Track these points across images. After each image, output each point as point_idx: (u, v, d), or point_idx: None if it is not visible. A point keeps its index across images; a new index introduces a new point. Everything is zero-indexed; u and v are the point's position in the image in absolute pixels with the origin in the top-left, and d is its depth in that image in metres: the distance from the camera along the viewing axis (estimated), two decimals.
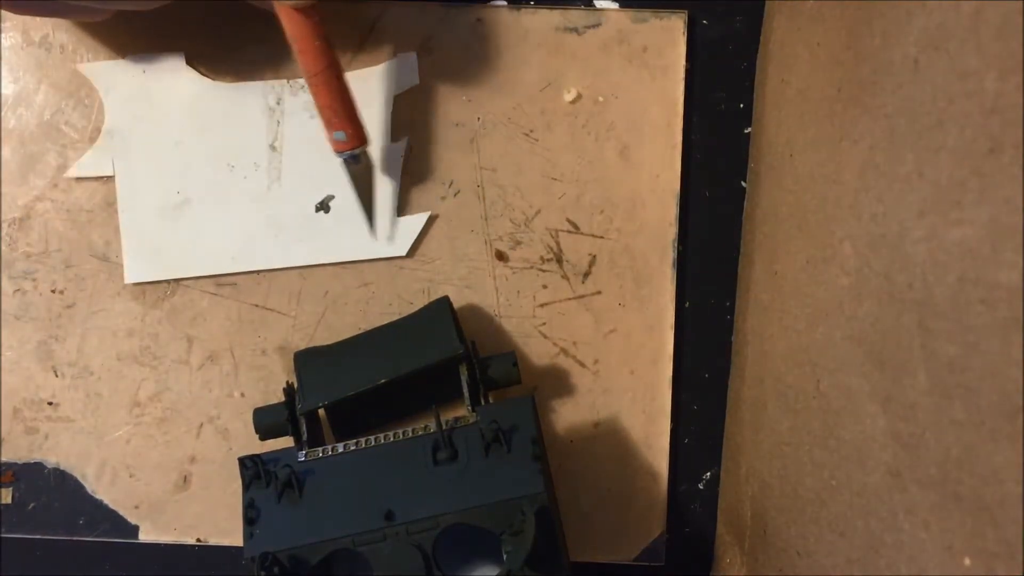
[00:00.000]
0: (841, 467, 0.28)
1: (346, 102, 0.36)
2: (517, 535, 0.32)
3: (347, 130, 0.36)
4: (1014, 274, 0.19)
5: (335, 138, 0.36)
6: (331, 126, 0.36)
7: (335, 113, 0.36)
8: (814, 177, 0.32)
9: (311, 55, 0.35)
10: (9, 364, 0.41)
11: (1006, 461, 0.20)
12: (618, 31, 0.40)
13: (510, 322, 0.41)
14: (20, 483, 0.41)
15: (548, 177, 0.41)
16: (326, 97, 0.35)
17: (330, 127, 0.36)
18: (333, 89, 0.35)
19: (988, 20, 0.20)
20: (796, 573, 0.32)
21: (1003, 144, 0.20)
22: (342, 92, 0.36)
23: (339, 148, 0.37)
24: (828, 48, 0.32)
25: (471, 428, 0.35)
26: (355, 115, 0.37)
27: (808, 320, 0.32)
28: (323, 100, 0.36)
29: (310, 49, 0.34)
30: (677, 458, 0.41)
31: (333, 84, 0.35)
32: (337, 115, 0.36)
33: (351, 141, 0.37)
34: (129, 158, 0.40)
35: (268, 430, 0.37)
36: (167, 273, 0.40)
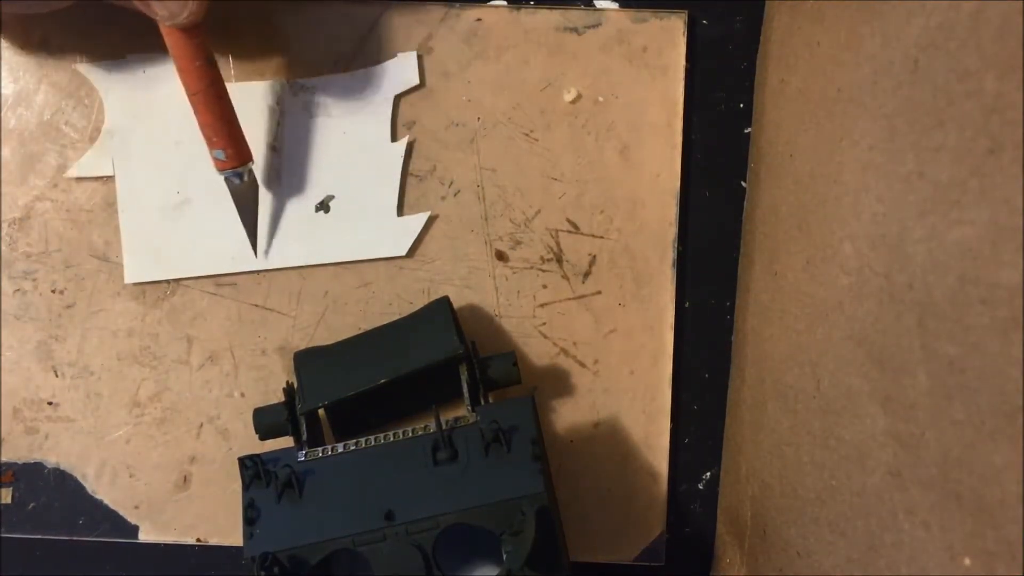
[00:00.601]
0: (841, 467, 0.28)
1: (226, 121, 0.37)
2: (517, 535, 0.32)
3: (227, 149, 0.37)
4: (1014, 274, 0.19)
5: (215, 156, 0.37)
6: (211, 144, 0.37)
7: (215, 132, 0.36)
8: (814, 177, 0.32)
9: (191, 74, 0.35)
10: (9, 364, 0.41)
11: (1006, 461, 0.20)
12: (618, 31, 0.40)
13: (510, 322, 0.41)
14: (20, 483, 0.41)
15: (548, 177, 0.41)
16: (205, 116, 0.36)
17: (211, 145, 0.37)
18: (213, 108, 0.36)
19: (988, 20, 0.20)
20: (796, 573, 0.32)
21: (1003, 144, 0.20)
22: (222, 111, 0.36)
23: (220, 167, 0.37)
24: (828, 48, 0.32)
25: (471, 428, 0.35)
26: (236, 134, 0.37)
27: (808, 320, 0.32)
28: (203, 119, 0.36)
29: (190, 68, 0.35)
30: (677, 458, 0.41)
31: (213, 105, 0.36)
32: (217, 134, 0.36)
33: (231, 160, 0.37)
34: (129, 158, 0.40)
35: (268, 430, 0.37)
36: (167, 273, 0.40)
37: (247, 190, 0.39)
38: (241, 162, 0.38)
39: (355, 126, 0.40)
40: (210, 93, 0.36)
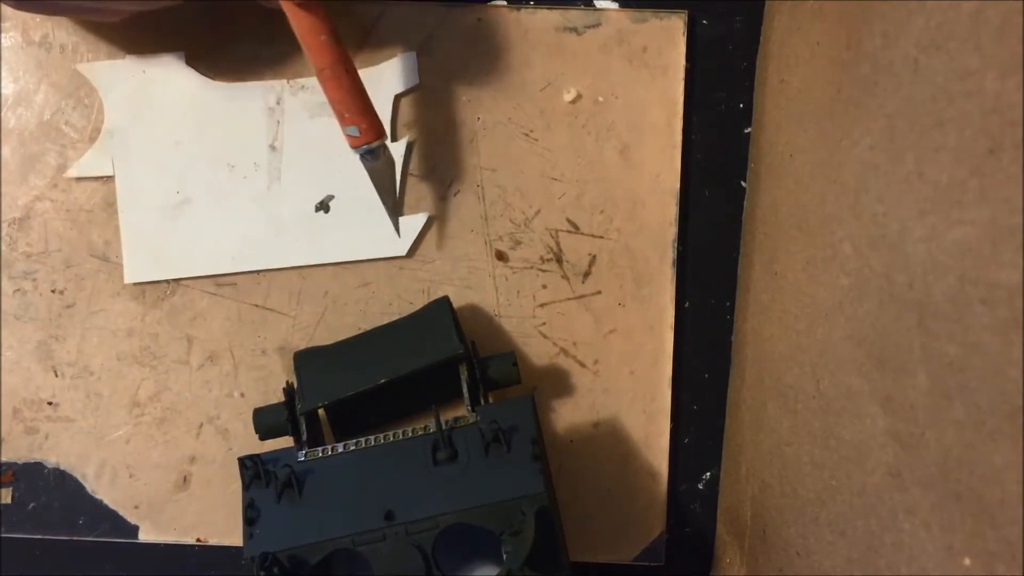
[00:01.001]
0: (841, 467, 0.28)
1: (357, 96, 0.35)
2: (517, 535, 0.32)
3: (360, 125, 0.35)
4: (1014, 274, 0.19)
5: (348, 133, 0.36)
6: (343, 121, 0.35)
7: (347, 108, 0.35)
8: (814, 177, 0.32)
9: (317, 51, 0.34)
10: (9, 364, 0.41)
11: (1006, 461, 0.20)
12: (618, 31, 0.40)
13: (510, 322, 0.41)
14: (20, 483, 0.41)
15: (548, 177, 0.41)
16: (336, 92, 0.35)
17: (343, 122, 0.35)
18: (343, 84, 0.35)
19: (988, 20, 0.20)
20: (796, 573, 0.32)
21: (1003, 144, 0.20)
22: (352, 87, 0.35)
23: (354, 143, 0.36)
24: (828, 48, 0.32)
25: (471, 428, 0.35)
26: (369, 109, 0.36)
27: (808, 320, 0.32)
28: (333, 95, 0.35)
29: (316, 45, 0.34)
30: (677, 458, 0.41)
31: (343, 79, 0.35)
32: (349, 110, 0.35)
33: (365, 135, 0.36)
34: (129, 158, 0.40)
35: (268, 430, 0.37)
36: (167, 273, 0.40)
37: (384, 167, 0.37)
38: (376, 137, 0.36)
39: None
40: (338, 68, 0.35)
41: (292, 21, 0.34)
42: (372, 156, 0.36)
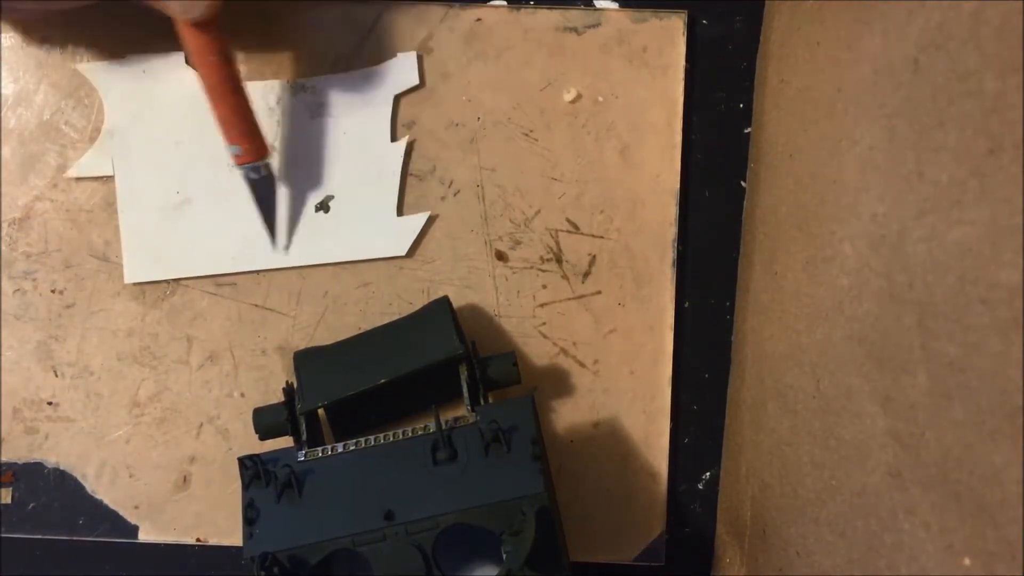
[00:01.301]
0: (841, 467, 0.28)
1: (241, 116, 0.36)
2: (517, 535, 0.32)
3: (242, 144, 0.37)
4: (1014, 274, 0.19)
5: (231, 152, 0.37)
6: (228, 139, 0.37)
7: (231, 127, 0.36)
8: (814, 177, 0.32)
9: (206, 69, 0.35)
10: (9, 364, 0.41)
11: (1006, 461, 0.20)
12: (618, 31, 0.40)
13: (510, 322, 0.41)
14: (20, 483, 0.41)
15: (548, 177, 0.41)
16: (222, 110, 0.36)
17: (227, 139, 0.37)
18: (229, 103, 0.36)
19: (988, 20, 0.20)
20: (796, 573, 0.32)
21: (1003, 144, 0.20)
22: (238, 106, 0.36)
23: (237, 162, 0.37)
24: (828, 48, 0.32)
25: (471, 428, 0.35)
26: (252, 129, 0.37)
27: (808, 320, 0.32)
28: (219, 113, 0.36)
29: (206, 63, 0.35)
30: (677, 458, 0.41)
31: (228, 98, 0.36)
32: (233, 129, 0.36)
33: (246, 156, 0.37)
34: (129, 158, 0.40)
35: (268, 430, 0.37)
36: (167, 273, 0.40)
37: (265, 184, 0.39)
38: (258, 157, 0.38)
39: (355, 126, 0.40)
40: (226, 88, 0.36)
41: (184, 39, 0.35)
42: (255, 174, 0.38)
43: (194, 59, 0.35)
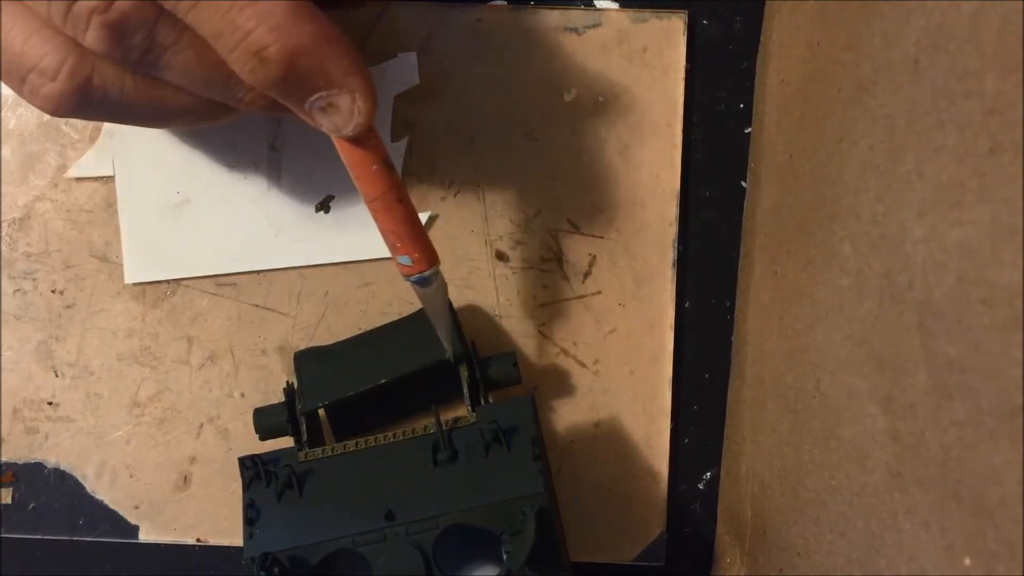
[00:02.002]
0: (841, 467, 0.28)
1: (410, 224, 0.33)
2: (517, 535, 0.32)
3: (412, 254, 0.33)
4: (1014, 274, 0.19)
5: (400, 262, 0.33)
6: (394, 250, 0.33)
7: (399, 238, 0.33)
8: (814, 177, 0.32)
9: (366, 182, 0.32)
10: (9, 364, 0.41)
11: (1006, 461, 0.20)
12: (618, 31, 0.40)
13: (510, 322, 0.41)
14: (20, 483, 0.41)
15: (548, 177, 0.41)
16: (389, 222, 0.32)
17: (395, 251, 0.33)
18: (396, 214, 0.32)
19: (988, 20, 0.20)
20: (796, 573, 0.32)
21: (1003, 144, 0.20)
22: (405, 215, 0.33)
23: (407, 272, 0.33)
24: (828, 48, 0.32)
25: (471, 428, 0.35)
26: (422, 236, 0.33)
27: (808, 320, 0.32)
28: (385, 225, 0.33)
29: (365, 176, 0.32)
30: (677, 458, 0.41)
31: (395, 208, 0.32)
32: (400, 239, 0.33)
33: (418, 265, 0.33)
34: (129, 158, 0.40)
35: (268, 430, 0.37)
36: (167, 273, 0.40)
37: (437, 292, 0.34)
38: (429, 264, 0.33)
39: None
40: (389, 198, 0.32)
41: (341, 152, 0.32)
42: (425, 283, 0.34)
43: (351, 171, 0.32)
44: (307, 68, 0.28)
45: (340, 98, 0.29)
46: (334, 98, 0.29)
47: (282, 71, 0.27)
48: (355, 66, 0.29)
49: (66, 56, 0.28)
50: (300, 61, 0.27)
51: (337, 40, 0.28)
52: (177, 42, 0.28)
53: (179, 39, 0.28)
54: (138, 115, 0.31)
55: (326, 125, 0.30)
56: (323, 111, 0.29)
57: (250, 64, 0.27)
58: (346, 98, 0.29)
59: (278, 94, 0.29)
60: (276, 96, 0.29)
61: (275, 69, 0.27)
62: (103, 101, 0.30)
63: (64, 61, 0.28)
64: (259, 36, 0.27)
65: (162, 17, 0.27)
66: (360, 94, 0.29)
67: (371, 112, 0.30)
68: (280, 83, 0.28)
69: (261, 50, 0.27)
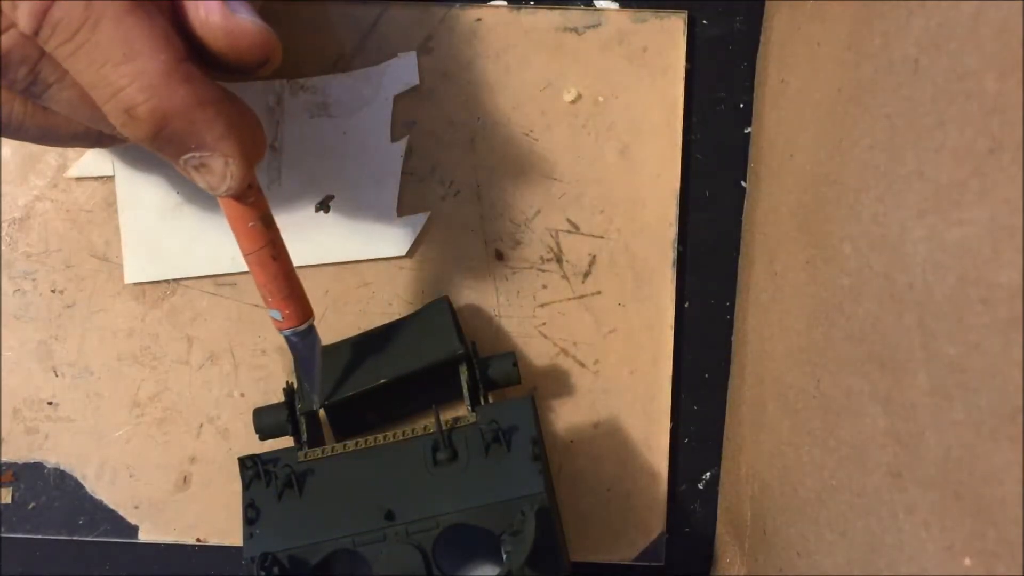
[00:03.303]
0: (841, 467, 0.28)
1: (283, 280, 0.34)
2: (517, 535, 0.32)
3: (283, 310, 0.34)
4: (1014, 274, 0.19)
5: (272, 316, 0.35)
6: (267, 304, 0.34)
7: (269, 292, 0.34)
8: (814, 177, 0.32)
9: (243, 236, 0.33)
10: (9, 364, 0.41)
11: (1006, 461, 0.20)
12: (618, 31, 0.40)
13: (510, 322, 0.41)
14: (20, 483, 0.41)
15: (548, 177, 0.41)
16: (260, 276, 0.34)
17: (267, 304, 0.34)
18: (267, 269, 0.33)
19: (988, 20, 0.20)
20: (796, 573, 0.32)
21: (1003, 144, 0.20)
22: (278, 270, 0.34)
23: (277, 327, 0.35)
24: (828, 48, 0.32)
25: (471, 428, 0.35)
26: (294, 292, 0.34)
27: (808, 320, 0.32)
28: (258, 279, 0.34)
29: (242, 231, 0.33)
30: (677, 458, 0.41)
31: (268, 265, 0.33)
32: (272, 295, 0.34)
33: (287, 321, 0.34)
34: (129, 158, 0.40)
35: (268, 430, 0.37)
36: (167, 273, 0.40)
37: (308, 346, 0.35)
38: (301, 321, 0.35)
39: (355, 126, 0.40)
40: (263, 254, 0.33)
41: (223, 207, 0.33)
42: (297, 338, 0.35)
43: (231, 225, 0.33)
44: (178, 129, 0.28)
45: (213, 160, 0.29)
46: (207, 160, 0.29)
47: (152, 130, 0.28)
48: (229, 130, 0.29)
49: None
50: (171, 122, 0.28)
51: (212, 103, 0.28)
52: (60, 80, 0.28)
53: (63, 77, 0.28)
54: (30, 136, 0.32)
55: (200, 182, 0.30)
56: (196, 170, 0.30)
57: (121, 119, 0.28)
58: (219, 161, 0.29)
59: (151, 149, 0.29)
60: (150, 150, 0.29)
61: (145, 127, 0.28)
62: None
63: None
64: (130, 94, 0.27)
65: (45, 56, 0.28)
66: (233, 158, 0.29)
67: (243, 176, 0.30)
68: (151, 140, 0.28)
69: (131, 108, 0.27)
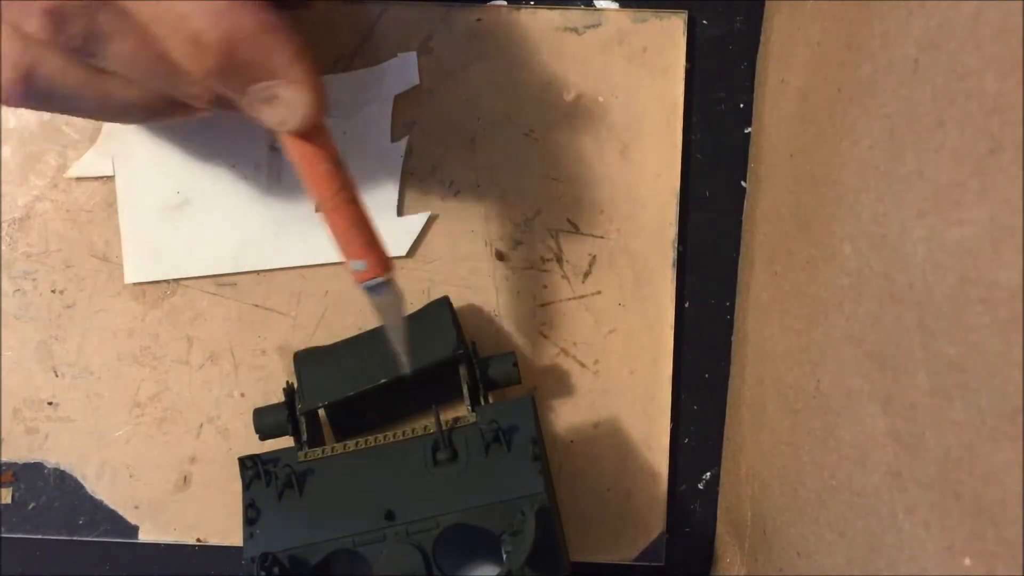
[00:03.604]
0: (841, 467, 0.28)
1: (363, 228, 0.31)
2: (517, 535, 0.32)
3: (367, 259, 0.32)
4: (1014, 274, 0.19)
5: (353, 267, 0.32)
6: (347, 254, 0.32)
7: (350, 241, 0.31)
8: (814, 177, 0.32)
9: (316, 181, 0.30)
10: (9, 364, 0.41)
11: (1006, 461, 0.20)
12: (618, 31, 0.40)
13: (510, 322, 0.41)
14: (20, 483, 0.41)
15: (548, 177, 0.41)
16: (339, 225, 0.31)
17: (346, 255, 0.32)
18: (346, 215, 0.31)
19: (988, 20, 0.20)
20: (796, 573, 0.32)
21: (1003, 144, 0.20)
22: (357, 217, 0.31)
23: (359, 279, 0.32)
24: (828, 48, 0.32)
25: (471, 428, 0.35)
26: (374, 241, 0.32)
27: (808, 320, 0.32)
28: (336, 228, 0.31)
29: (314, 175, 0.30)
30: (677, 458, 0.41)
31: (346, 211, 0.31)
32: (353, 243, 0.31)
33: (372, 270, 0.32)
34: (129, 158, 0.40)
35: (268, 430, 0.37)
36: (167, 273, 0.40)
37: (391, 301, 0.33)
38: (383, 270, 0.32)
39: (355, 126, 0.40)
40: (340, 198, 0.31)
41: (290, 150, 0.30)
42: (378, 291, 0.32)
43: (301, 170, 0.30)
44: (246, 56, 0.27)
45: (283, 89, 0.28)
46: (276, 89, 0.28)
47: (219, 58, 0.27)
48: (299, 56, 0.28)
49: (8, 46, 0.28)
50: (238, 48, 0.27)
51: (278, 28, 0.27)
52: (119, 30, 0.27)
53: (120, 27, 0.27)
54: (86, 107, 0.31)
55: (270, 118, 0.29)
56: (266, 103, 0.28)
57: (188, 50, 0.27)
58: (289, 89, 0.28)
59: (218, 83, 0.28)
60: (217, 86, 0.28)
61: (212, 56, 0.27)
62: (49, 92, 0.29)
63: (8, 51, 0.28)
64: (196, 21, 0.26)
65: (104, 4, 0.27)
66: (305, 85, 0.28)
67: (317, 104, 0.28)
68: (218, 71, 0.27)
69: (198, 36, 0.26)
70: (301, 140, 0.30)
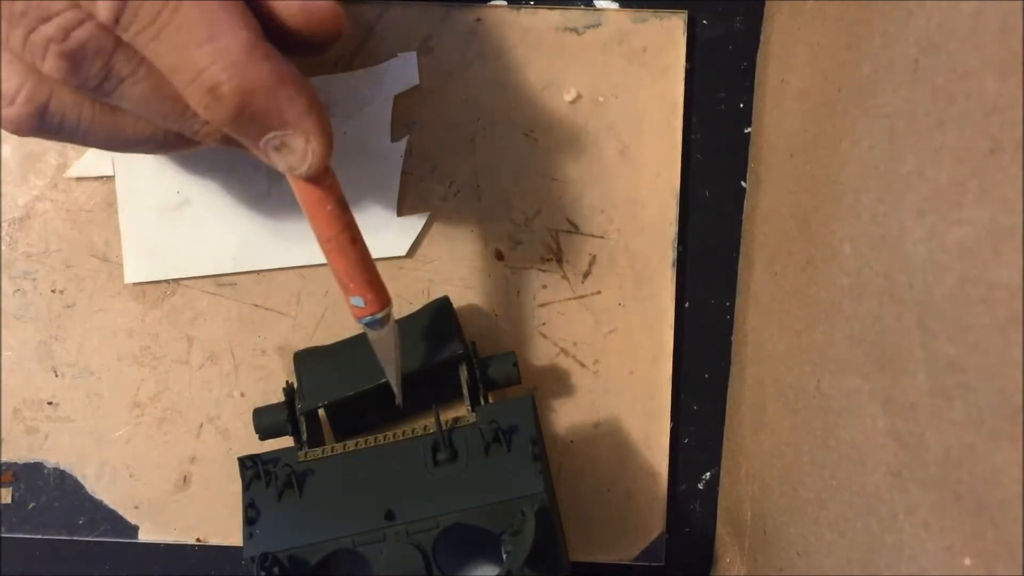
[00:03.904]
0: (841, 467, 0.28)
1: (363, 266, 0.33)
2: (517, 535, 0.32)
3: (366, 295, 0.33)
4: (1014, 274, 0.19)
5: (352, 303, 0.33)
6: (346, 291, 0.33)
7: (351, 279, 0.33)
8: (814, 177, 0.32)
9: (321, 221, 0.32)
10: (9, 364, 0.41)
11: (1006, 461, 0.20)
12: (618, 31, 0.40)
13: (510, 322, 0.41)
14: (20, 483, 0.41)
15: (548, 177, 0.41)
16: (340, 263, 0.32)
17: (345, 292, 0.33)
18: (349, 255, 0.32)
19: (988, 20, 0.20)
20: (796, 573, 0.32)
21: (1003, 144, 0.20)
22: (358, 256, 0.32)
23: (357, 314, 0.33)
24: (828, 48, 0.32)
25: (471, 428, 0.35)
26: (375, 278, 0.33)
27: (808, 320, 0.32)
28: (337, 266, 0.33)
29: (319, 215, 0.31)
30: (677, 458, 0.41)
31: (348, 250, 0.32)
32: (353, 280, 0.33)
33: (370, 307, 0.33)
34: (129, 158, 0.40)
35: (268, 430, 0.37)
36: (167, 273, 0.40)
37: (387, 335, 0.35)
38: (382, 306, 0.33)
39: (355, 126, 0.40)
40: (343, 239, 0.32)
41: (295, 190, 0.32)
42: (376, 325, 0.34)
43: (306, 210, 0.32)
44: (261, 107, 0.28)
45: (294, 139, 0.29)
46: (288, 138, 0.29)
47: (236, 109, 0.28)
48: (310, 107, 0.29)
49: (24, 81, 0.28)
50: (254, 100, 0.28)
51: (292, 81, 0.28)
52: (134, 73, 0.28)
53: (136, 70, 0.28)
54: (96, 141, 0.32)
55: (280, 164, 0.30)
56: (277, 150, 0.29)
57: (205, 100, 0.27)
58: (300, 139, 0.29)
59: (232, 131, 0.29)
60: (231, 133, 0.29)
61: (229, 107, 0.27)
62: (61, 126, 0.30)
63: (22, 86, 0.28)
64: (214, 73, 0.27)
65: (120, 48, 0.27)
66: (315, 135, 0.29)
67: (325, 153, 0.30)
68: (234, 120, 0.28)
69: (215, 87, 0.27)
70: (308, 183, 0.31)
